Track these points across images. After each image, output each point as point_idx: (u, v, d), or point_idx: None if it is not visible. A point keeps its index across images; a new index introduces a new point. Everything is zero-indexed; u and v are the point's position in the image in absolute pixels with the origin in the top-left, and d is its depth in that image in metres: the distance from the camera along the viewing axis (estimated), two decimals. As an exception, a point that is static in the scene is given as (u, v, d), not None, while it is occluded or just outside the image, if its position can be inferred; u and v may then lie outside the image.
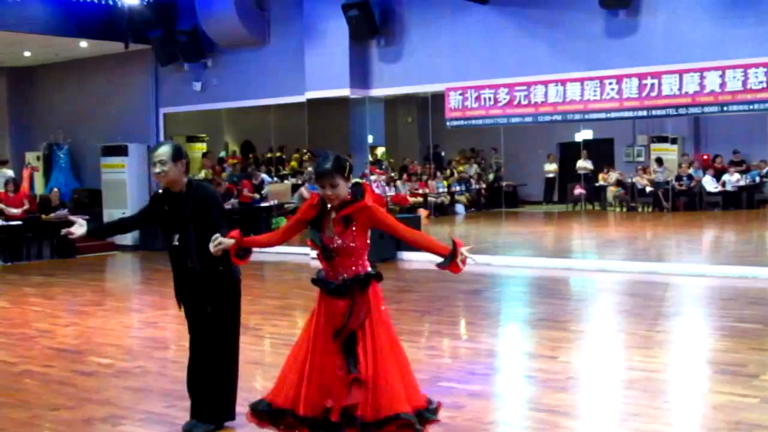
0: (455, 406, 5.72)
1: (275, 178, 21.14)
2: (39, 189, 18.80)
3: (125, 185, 17.68)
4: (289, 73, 16.00)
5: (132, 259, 16.21)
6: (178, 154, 5.14)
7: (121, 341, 8.41)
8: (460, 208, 22.91)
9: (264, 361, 7.43)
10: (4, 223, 15.29)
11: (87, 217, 16.78)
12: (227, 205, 18.45)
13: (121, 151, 17.71)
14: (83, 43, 17.14)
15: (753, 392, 6.00)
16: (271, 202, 19.41)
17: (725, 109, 12.41)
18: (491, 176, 24.67)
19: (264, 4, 16.51)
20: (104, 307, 10.48)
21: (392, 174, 21.22)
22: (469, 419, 5.49)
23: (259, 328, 8.85)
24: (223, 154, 22.99)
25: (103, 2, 14.91)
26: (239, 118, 21.97)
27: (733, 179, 21.61)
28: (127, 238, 17.47)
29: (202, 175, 20.90)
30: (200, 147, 22.42)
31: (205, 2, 15.94)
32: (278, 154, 23.11)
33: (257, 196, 19.24)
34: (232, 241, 4.60)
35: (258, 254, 15.50)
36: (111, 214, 17.71)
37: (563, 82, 13.39)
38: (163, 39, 16.93)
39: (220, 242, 4.57)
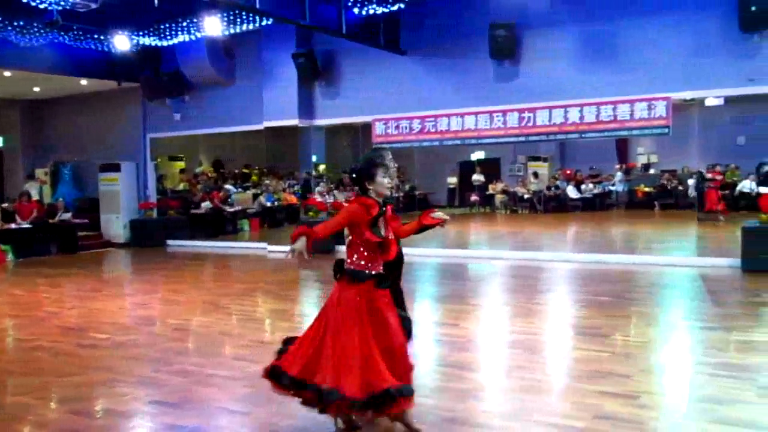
0: (382, 365, 5.72)
1: (239, 189, 20.91)
2: (47, 198, 18.24)
3: (119, 195, 17.23)
4: (251, 106, 15.83)
5: (125, 254, 15.79)
6: None
7: (117, 320, 8.18)
8: (383, 211, 22.97)
9: (232, 333, 7.31)
10: (17, 226, 14.78)
11: (86, 220, 16.44)
12: (201, 210, 18.20)
13: (115, 167, 17.27)
14: (83, 81, 16.71)
15: (606, 348, 6.15)
16: (237, 208, 19.20)
17: (583, 136, 12.69)
18: (407, 186, 24.88)
19: (231, 52, 16.32)
20: (102, 293, 10.18)
21: (331, 185, 21.18)
22: (393, 375, 5.50)
23: (228, 307, 8.70)
24: (198, 170, 22.68)
25: (100, 48, 14.53)
26: (211, 141, 21.70)
27: (589, 188, 22.18)
28: (120, 237, 17.08)
29: (181, 186, 20.58)
30: (180, 164, 22.10)
31: (183, 50, 15.67)
32: (245, 170, 22.94)
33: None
34: None
35: (222, 248, 15.19)
36: (108, 218, 17.30)
37: (462, 115, 13.54)
38: (149, 79, 16.62)
39: None
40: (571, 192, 22.05)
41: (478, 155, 24.43)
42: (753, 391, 4.87)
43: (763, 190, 17.08)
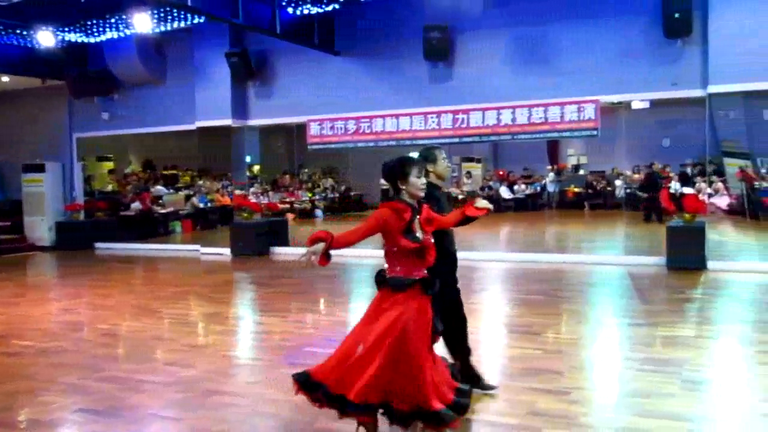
0: (318, 367, 5.69)
1: (171, 190, 20.50)
2: (-35, 201, 17.53)
3: (43, 196, 16.65)
4: (182, 105, 15.52)
5: (50, 258, 15.26)
6: None
7: (42, 326, 7.88)
8: (319, 213, 22.92)
9: (164, 337, 7.14)
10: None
11: (8, 223, 15.77)
12: (131, 212, 17.75)
13: (40, 168, 16.68)
14: (5, 78, 16.14)
15: (538, 346, 6.27)
16: (169, 209, 18.81)
17: (515, 137, 12.91)
18: (342, 188, 24.88)
19: (162, 50, 15.98)
20: (26, 298, 9.80)
21: (266, 186, 21.00)
22: (329, 377, 5.47)
23: (159, 311, 8.50)
24: (127, 170, 22.13)
25: (23, 44, 14.02)
26: (142, 142, 21.16)
27: (522, 189, 22.61)
28: (46, 240, 16.51)
29: (110, 187, 20.04)
30: (108, 165, 21.52)
31: (112, 47, 15.28)
32: (173, 171, 22.48)
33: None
34: None
35: (153, 251, 14.86)
36: (32, 220, 16.69)
37: (397, 116, 13.59)
38: (75, 76, 16.12)
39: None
40: (504, 192, 22.42)
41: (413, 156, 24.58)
42: (678, 384, 5.04)
43: (687, 190, 17.73)
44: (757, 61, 10.72)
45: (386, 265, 3.97)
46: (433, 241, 3.98)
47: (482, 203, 4.21)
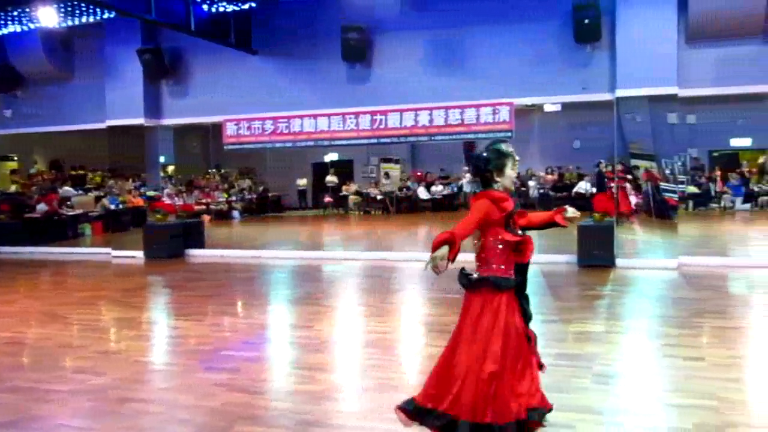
0: (234, 370, 5.59)
1: (80, 191, 19.74)
2: None
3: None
4: (92, 103, 14.96)
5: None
6: None
7: (-62, 334, 7.43)
8: (236, 213, 22.60)
9: (73, 344, 6.84)
10: None
11: None
12: (36, 214, 16.98)
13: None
14: None
15: (456, 345, 6.33)
16: (78, 211, 18.10)
17: (432, 138, 13.06)
18: (260, 188, 24.63)
19: (70, 45, 15.37)
20: None
21: (181, 187, 20.52)
22: (246, 379, 5.38)
23: (68, 317, 8.15)
24: (32, 170, 21.19)
25: None
26: (48, 141, 20.31)
27: (439, 189, 22.90)
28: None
29: (13, 188, 19.14)
30: (11, 165, 20.58)
31: (14, 41, 14.59)
32: (80, 172, 21.68)
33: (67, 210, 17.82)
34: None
35: (61, 255, 14.24)
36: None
37: (315, 116, 13.52)
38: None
39: None
40: (422, 193, 22.67)
41: (331, 157, 24.57)
42: (589, 378, 5.20)
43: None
44: (662, 67, 11.23)
45: (476, 264, 3.78)
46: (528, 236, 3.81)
47: (572, 212, 4.07)
